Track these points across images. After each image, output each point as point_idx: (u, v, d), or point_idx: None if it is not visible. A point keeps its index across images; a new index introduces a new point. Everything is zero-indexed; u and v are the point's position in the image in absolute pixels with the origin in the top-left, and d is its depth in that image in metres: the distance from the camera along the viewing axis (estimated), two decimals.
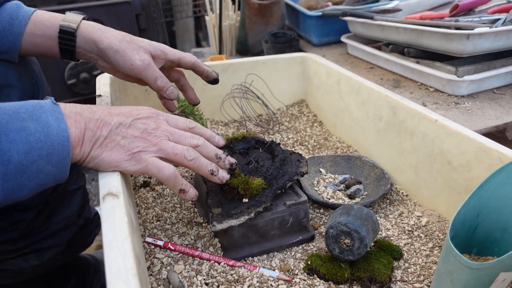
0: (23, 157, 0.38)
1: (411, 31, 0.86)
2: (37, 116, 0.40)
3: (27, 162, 0.38)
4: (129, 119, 0.47)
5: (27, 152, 0.38)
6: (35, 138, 0.39)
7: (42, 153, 0.39)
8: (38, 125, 0.40)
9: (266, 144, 0.63)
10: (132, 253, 0.34)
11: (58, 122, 0.41)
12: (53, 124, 0.41)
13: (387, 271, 0.50)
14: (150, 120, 0.48)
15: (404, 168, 0.67)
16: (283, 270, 0.51)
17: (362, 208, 0.52)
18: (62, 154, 0.41)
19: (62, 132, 0.41)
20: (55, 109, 0.42)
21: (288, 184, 0.55)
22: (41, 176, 0.40)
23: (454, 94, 0.81)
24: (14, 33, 0.54)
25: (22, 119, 0.39)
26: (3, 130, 0.38)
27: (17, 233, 0.58)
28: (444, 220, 0.59)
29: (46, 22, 0.56)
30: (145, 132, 0.47)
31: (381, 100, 0.70)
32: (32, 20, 0.56)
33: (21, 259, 0.61)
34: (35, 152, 0.39)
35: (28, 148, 0.38)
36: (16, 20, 0.54)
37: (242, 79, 0.89)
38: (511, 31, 0.77)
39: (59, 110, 0.42)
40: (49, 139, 0.40)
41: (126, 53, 0.56)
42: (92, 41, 0.56)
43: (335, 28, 1.20)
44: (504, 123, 0.70)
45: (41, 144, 0.39)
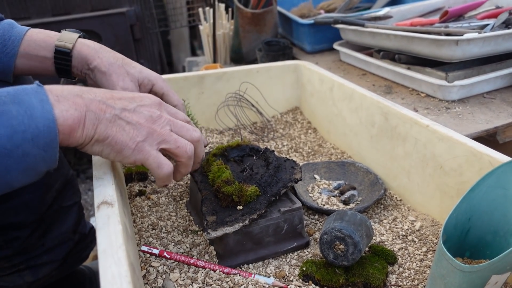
0: (6, 141, 0.37)
1: (401, 37, 0.88)
2: (20, 99, 0.38)
3: (11, 145, 0.37)
4: (133, 104, 0.45)
5: (10, 136, 0.37)
6: (18, 121, 0.37)
7: (26, 136, 0.37)
8: (21, 108, 0.38)
9: (260, 151, 0.63)
10: (127, 261, 0.34)
11: (42, 104, 0.39)
12: (37, 106, 0.38)
13: (382, 276, 0.50)
14: (153, 108, 0.46)
15: (397, 173, 0.67)
16: (278, 277, 0.51)
17: (356, 213, 0.52)
18: (49, 137, 0.39)
19: (47, 114, 0.39)
20: (39, 90, 0.40)
21: (282, 191, 0.55)
22: (28, 160, 0.38)
23: (445, 99, 0.83)
24: (7, 54, 0.54)
25: (3, 102, 0.38)
26: None
27: (12, 250, 0.58)
28: (437, 224, 0.60)
29: (41, 42, 0.56)
30: (150, 120, 0.45)
31: (373, 106, 0.71)
32: (26, 40, 0.56)
33: (16, 276, 0.60)
34: (18, 136, 0.37)
35: (10, 132, 0.37)
36: (9, 41, 0.54)
37: (236, 87, 0.90)
38: (499, 36, 0.78)
39: (43, 92, 0.40)
40: (33, 121, 0.38)
41: (111, 77, 0.56)
42: (85, 60, 0.56)
43: (327, 36, 1.21)
44: (494, 127, 0.71)
45: (25, 127, 0.37)
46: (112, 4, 1.39)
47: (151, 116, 0.45)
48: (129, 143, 0.43)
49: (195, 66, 1.50)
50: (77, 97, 0.41)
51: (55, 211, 0.64)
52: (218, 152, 0.63)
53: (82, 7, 1.35)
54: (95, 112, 0.42)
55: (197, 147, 0.49)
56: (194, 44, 2.01)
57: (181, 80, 0.86)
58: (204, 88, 0.88)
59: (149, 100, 0.47)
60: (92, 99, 0.42)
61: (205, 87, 0.88)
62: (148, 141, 0.44)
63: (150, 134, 0.45)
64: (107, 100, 0.43)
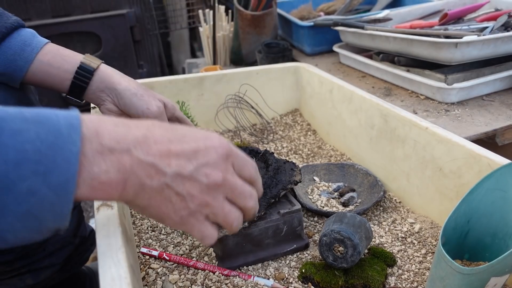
0: (11, 169, 0.28)
1: (401, 40, 0.88)
2: (46, 118, 0.30)
3: (15, 176, 0.28)
4: (191, 165, 0.36)
5: (18, 163, 0.28)
6: (34, 146, 0.29)
7: (39, 168, 0.29)
8: (42, 130, 0.30)
9: (259, 153, 0.63)
10: (126, 263, 0.34)
11: (69, 130, 0.31)
12: (63, 131, 0.30)
13: (381, 278, 0.50)
14: (217, 170, 0.37)
15: (397, 175, 0.68)
16: (278, 279, 0.51)
17: (355, 215, 0.52)
18: (65, 175, 0.30)
19: (71, 145, 0.30)
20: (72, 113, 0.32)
21: (281, 193, 0.55)
22: (32, 201, 0.29)
23: (444, 102, 0.83)
24: (24, 58, 0.55)
25: (24, 119, 0.30)
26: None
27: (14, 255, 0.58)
28: (436, 226, 0.60)
29: (67, 57, 0.58)
30: (205, 191, 0.37)
31: (373, 108, 0.71)
32: (51, 51, 0.57)
33: (17, 279, 0.61)
34: (29, 166, 0.29)
35: (20, 158, 0.28)
36: (28, 47, 0.56)
37: (236, 89, 0.90)
38: (498, 39, 0.79)
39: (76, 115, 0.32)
40: (52, 151, 0.29)
41: (143, 97, 0.59)
42: (110, 81, 0.59)
43: (327, 38, 1.21)
44: (493, 129, 0.71)
45: (40, 157, 0.29)
46: (112, 5, 1.39)
47: (208, 185, 0.37)
48: (172, 216, 0.36)
49: (195, 68, 1.50)
50: (125, 153, 0.33)
51: None
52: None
53: (82, 8, 1.36)
54: (140, 177, 0.34)
55: (248, 214, 0.41)
56: (194, 45, 2.02)
57: (181, 81, 0.86)
58: (204, 89, 0.89)
59: (216, 153, 0.37)
60: (142, 160, 0.33)
61: (205, 89, 0.89)
62: (196, 215, 0.37)
63: (200, 207, 0.37)
64: (160, 158, 0.34)
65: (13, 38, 0.55)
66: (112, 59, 1.38)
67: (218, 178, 0.37)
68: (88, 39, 1.38)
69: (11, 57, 0.54)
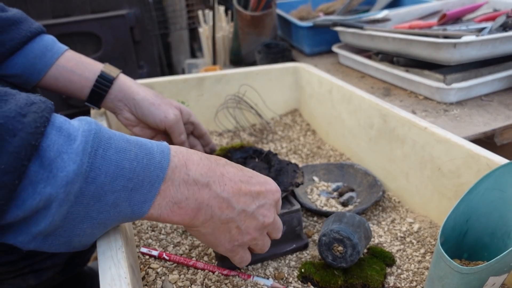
0: (108, 182, 0.32)
1: (399, 40, 0.88)
2: (142, 143, 0.35)
3: (108, 189, 0.32)
4: (254, 205, 0.41)
5: (115, 177, 0.32)
6: (131, 165, 0.33)
7: (128, 185, 0.33)
8: (140, 152, 0.34)
9: (263, 153, 0.63)
10: (126, 263, 0.34)
11: (161, 157, 0.35)
12: (156, 157, 0.35)
13: (380, 277, 0.50)
14: (271, 212, 0.43)
15: (396, 175, 0.68)
16: (277, 279, 0.51)
17: (354, 215, 0.52)
18: (146, 196, 0.34)
19: (158, 171, 0.34)
20: (163, 143, 0.36)
21: (282, 194, 0.55)
22: (112, 212, 0.33)
23: (443, 102, 0.83)
24: (44, 62, 0.57)
25: (127, 140, 0.34)
26: (103, 144, 0.32)
27: (17, 255, 0.58)
28: (435, 226, 0.60)
29: (88, 65, 0.60)
30: (259, 228, 0.43)
31: (372, 108, 0.71)
32: (74, 58, 0.60)
33: (19, 279, 0.61)
34: (121, 182, 0.32)
35: (118, 173, 0.32)
36: (49, 51, 0.58)
37: (235, 90, 0.90)
38: (497, 39, 0.79)
39: (165, 145, 0.36)
40: (143, 172, 0.33)
41: (161, 106, 0.62)
42: (129, 91, 0.61)
43: (326, 38, 1.22)
44: (492, 129, 0.72)
45: (133, 175, 0.33)
46: (112, 6, 1.39)
47: (263, 223, 0.42)
48: (227, 244, 0.42)
49: (194, 68, 1.51)
50: (205, 187, 0.37)
51: None
52: (221, 153, 0.64)
53: (82, 9, 1.36)
54: (213, 209, 0.38)
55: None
56: (194, 46, 2.02)
57: (180, 82, 0.87)
58: (204, 90, 0.89)
59: (273, 197, 0.43)
60: (218, 195, 0.38)
61: (205, 89, 0.89)
62: (244, 245, 0.43)
63: (250, 241, 0.43)
64: (233, 196, 0.39)
65: (35, 43, 0.57)
66: (112, 60, 1.38)
67: (270, 220, 0.43)
68: (88, 40, 1.38)
69: (31, 60, 0.56)
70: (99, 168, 0.31)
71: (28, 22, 0.57)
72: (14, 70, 0.56)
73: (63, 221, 0.31)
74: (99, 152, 0.31)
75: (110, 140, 0.33)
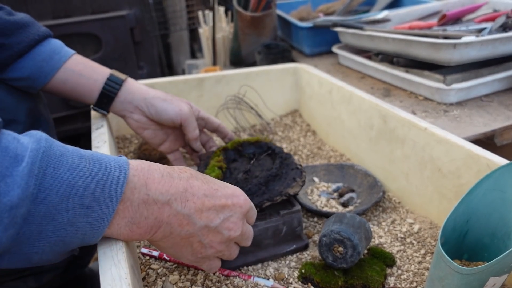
0: (60, 201, 0.31)
1: (399, 41, 0.88)
2: (98, 158, 0.34)
3: (61, 208, 0.31)
4: (218, 219, 0.40)
5: (68, 196, 0.31)
6: (85, 183, 0.32)
7: (83, 202, 0.32)
8: (95, 168, 0.33)
9: (273, 151, 0.61)
10: (127, 263, 0.34)
11: (118, 171, 0.34)
12: (113, 172, 0.34)
13: (380, 278, 0.50)
14: (237, 225, 0.42)
15: (396, 175, 0.68)
16: (278, 279, 0.51)
17: (354, 216, 0.53)
18: (104, 211, 0.33)
19: (116, 186, 0.33)
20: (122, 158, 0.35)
21: (265, 204, 0.52)
22: (69, 230, 0.32)
23: (443, 102, 0.83)
24: (51, 65, 0.58)
25: (81, 156, 0.33)
26: (53, 162, 0.31)
27: None
28: (436, 227, 0.60)
29: (96, 68, 0.61)
30: (223, 242, 0.42)
31: (372, 109, 0.71)
32: (82, 62, 0.60)
33: (20, 281, 0.61)
34: (75, 200, 0.31)
35: (71, 192, 0.31)
36: (57, 55, 0.58)
37: (235, 90, 0.90)
38: (497, 40, 0.79)
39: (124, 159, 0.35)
40: (99, 189, 0.32)
41: (173, 102, 0.62)
42: (138, 92, 0.62)
43: (326, 39, 1.22)
44: (492, 130, 0.72)
45: (87, 192, 0.32)
46: (112, 7, 1.39)
47: (228, 237, 0.42)
48: (189, 257, 0.41)
49: (194, 69, 1.51)
50: (166, 205, 0.36)
51: None
52: (232, 146, 0.62)
53: (82, 10, 1.36)
54: (172, 225, 0.37)
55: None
56: (194, 47, 2.02)
57: (180, 82, 0.87)
58: (204, 90, 0.89)
59: (240, 209, 0.42)
60: (179, 212, 0.37)
61: (205, 90, 0.89)
62: (209, 257, 0.43)
63: (214, 254, 0.42)
64: (195, 212, 0.38)
65: (43, 46, 0.57)
66: (112, 60, 1.39)
67: (237, 233, 0.42)
68: (88, 40, 1.38)
69: (39, 63, 0.57)
70: (49, 188, 0.30)
71: (35, 25, 0.57)
72: (21, 73, 0.56)
73: (14, 241, 0.30)
74: (49, 171, 0.30)
75: (61, 157, 0.31)
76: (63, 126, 1.38)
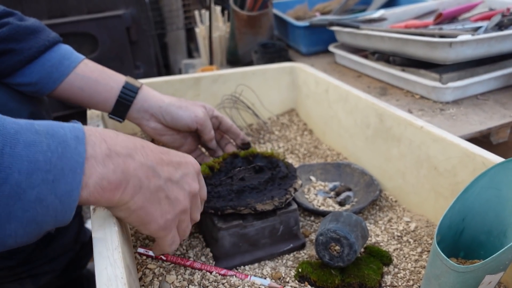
0: (24, 179, 0.30)
1: (396, 39, 0.88)
2: (54, 131, 0.33)
3: (26, 185, 0.30)
4: (178, 173, 0.41)
5: (30, 172, 0.30)
6: (46, 157, 0.31)
7: (48, 177, 0.31)
8: (53, 142, 0.32)
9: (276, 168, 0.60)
10: (123, 263, 0.34)
11: (76, 143, 0.33)
12: (71, 144, 0.33)
13: (377, 276, 0.50)
14: (194, 180, 0.43)
15: (392, 174, 0.68)
16: (274, 278, 0.51)
17: (351, 214, 0.53)
18: (71, 184, 0.32)
19: (77, 156, 0.33)
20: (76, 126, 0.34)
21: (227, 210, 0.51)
22: (39, 208, 0.31)
23: (439, 101, 0.83)
24: (60, 72, 0.57)
25: (36, 131, 0.32)
26: (9, 141, 0.30)
27: (15, 261, 0.58)
28: (432, 225, 0.60)
29: (113, 75, 0.61)
30: (188, 197, 0.42)
31: (368, 107, 0.71)
32: (98, 69, 0.60)
33: (17, 283, 0.61)
34: (40, 175, 0.31)
35: (33, 168, 0.30)
36: (67, 60, 0.58)
37: (232, 90, 0.90)
38: (492, 38, 0.79)
39: (80, 128, 0.34)
40: (61, 161, 0.31)
41: (188, 108, 0.63)
42: (153, 99, 0.61)
43: (322, 38, 1.22)
44: (488, 128, 0.72)
45: (50, 166, 0.31)
46: (109, 6, 1.39)
47: (189, 193, 0.42)
48: (159, 219, 0.40)
49: (191, 68, 1.50)
50: (129, 157, 0.37)
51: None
52: (243, 155, 0.63)
53: (78, 9, 1.35)
54: (140, 178, 0.37)
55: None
56: (190, 46, 2.02)
57: (177, 82, 0.87)
58: (200, 90, 0.89)
59: (192, 167, 0.44)
60: (143, 164, 0.38)
61: (201, 89, 0.89)
62: (175, 219, 0.42)
63: (181, 212, 0.42)
64: (156, 165, 0.39)
65: (53, 52, 0.57)
66: (109, 60, 1.38)
67: (196, 188, 0.43)
68: (85, 40, 1.38)
69: (48, 68, 0.56)
70: (9, 167, 0.29)
71: (46, 31, 0.57)
72: (30, 78, 0.55)
73: None
74: (6, 150, 0.29)
75: (16, 135, 0.30)
76: None
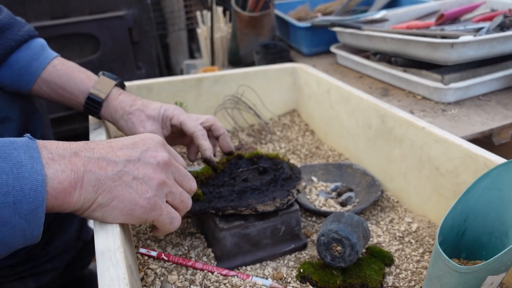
0: None
1: (397, 40, 0.88)
2: (6, 154, 0.32)
3: None
4: (136, 152, 0.39)
5: None
6: (1, 180, 0.31)
7: (7, 199, 0.31)
8: (6, 165, 0.31)
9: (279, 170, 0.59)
10: (125, 263, 0.34)
11: (32, 162, 0.33)
12: (26, 164, 0.32)
13: (379, 277, 0.50)
14: (160, 151, 0.41)
15: (394, 175, 0.68)
16: (276, 279, 0.51)
17: (352, 215, 0.53)
18: (34, 203, 0.32)
19: (35, 175, 0.32)
20: (30, 145, 0.34)
21: (228, 211, 0.52)
22: (4, 231, 0.31)
23: (441, 102, 0.83)
24: (30, 73, 0.55)
25: None
26: None
27: (17, 259, 0.58)
28: (434, 226, 0.60)
29: (80, 83, 0.58)
30: (158, 170, 0.39)
31: (370, 108, 0.71)
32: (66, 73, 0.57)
33: (19, 282, 0.61)
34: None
35: None
36: (35, 61, 0.56)
37: (234, 90, 0.90)
38: (494, 39, 0.79)
39: (35, 147, 0.34)
40: (19, 182, 0.31)
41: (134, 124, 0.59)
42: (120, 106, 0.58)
43: (324, 39, 1.22)
44: (490, 129, 0.72)
45: (8, 189, 0.31)
46: (110, 7, 1.39)
47: (158, 164, 0.40)
48: (139, 201, 0.38)
49: (193, 69, 1.51)
50: (74, 155, 0.36)
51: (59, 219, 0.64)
52: (248, 156, 0.62)
53: (80, 10, 1.36)
54: (94, 171, 0.36)
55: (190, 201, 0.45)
56: (192, 47, 2.02)
57: (179, 82, 0.87)
58: (202, 90, 0.89)
59: (153, 141, 0.41)
60: (90, 157, 0.36)
61: (203, 90, 0.89)
62: (159, 195, 0.39)
63: (160, 185, 0.39)
64: (107, 154, 0.37)
65: (21, 52, 0.55)
66: (111, 61, 1.38)
67: (165, 157, 0.40)
68: (86, 41, 1.38)
69: (17, 71, 0.54)
70: None
71: (14, 28, 0.54)
72: (3, 81, 0.54)
73: None
74: None
75: None
76: (61, 127, 1.38)
